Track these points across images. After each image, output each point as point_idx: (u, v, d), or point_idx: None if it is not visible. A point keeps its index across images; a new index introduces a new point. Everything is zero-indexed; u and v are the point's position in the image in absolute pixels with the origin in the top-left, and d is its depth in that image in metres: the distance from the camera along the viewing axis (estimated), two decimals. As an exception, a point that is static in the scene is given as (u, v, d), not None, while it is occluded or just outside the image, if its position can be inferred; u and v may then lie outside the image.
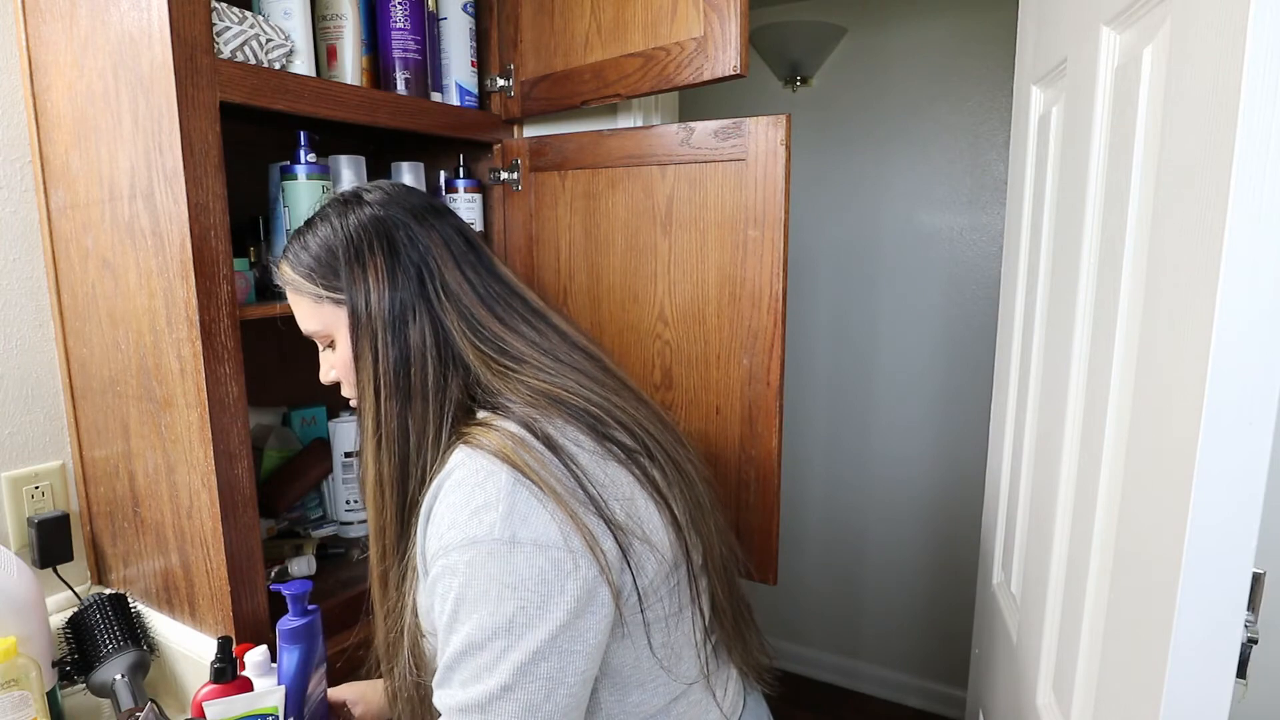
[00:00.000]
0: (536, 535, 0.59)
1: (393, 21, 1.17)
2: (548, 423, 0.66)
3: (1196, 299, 0.55)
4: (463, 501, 0.61)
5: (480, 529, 0.59)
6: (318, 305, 0.73)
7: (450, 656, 0.61)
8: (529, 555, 0.59)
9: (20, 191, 1.04)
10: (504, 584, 0.58)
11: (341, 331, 0.73)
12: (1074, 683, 0.83)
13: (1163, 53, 0.65)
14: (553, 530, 0.60)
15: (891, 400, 2.24)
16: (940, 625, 2.26)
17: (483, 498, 0.60)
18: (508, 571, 0.58)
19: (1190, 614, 0.57)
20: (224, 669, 0.80)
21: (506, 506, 0.59)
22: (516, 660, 0.58)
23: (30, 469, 1.06)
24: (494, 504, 0.60)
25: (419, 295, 0.70)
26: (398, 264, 0.71)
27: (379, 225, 0.72)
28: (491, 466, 0.61)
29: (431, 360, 0.69)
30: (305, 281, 0.74)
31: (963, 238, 2.09)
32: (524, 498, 0.60)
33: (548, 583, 0.59)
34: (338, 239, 0.72)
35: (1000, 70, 1.95)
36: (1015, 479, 1.18)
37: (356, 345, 0.70)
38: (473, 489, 0.61)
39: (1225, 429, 0.53)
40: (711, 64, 1.07)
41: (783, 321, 1.09)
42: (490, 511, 0.59)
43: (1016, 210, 1.23)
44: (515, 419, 0.65)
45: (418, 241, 0.72)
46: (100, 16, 0.89)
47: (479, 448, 0.63)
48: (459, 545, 0.60)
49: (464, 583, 0.59)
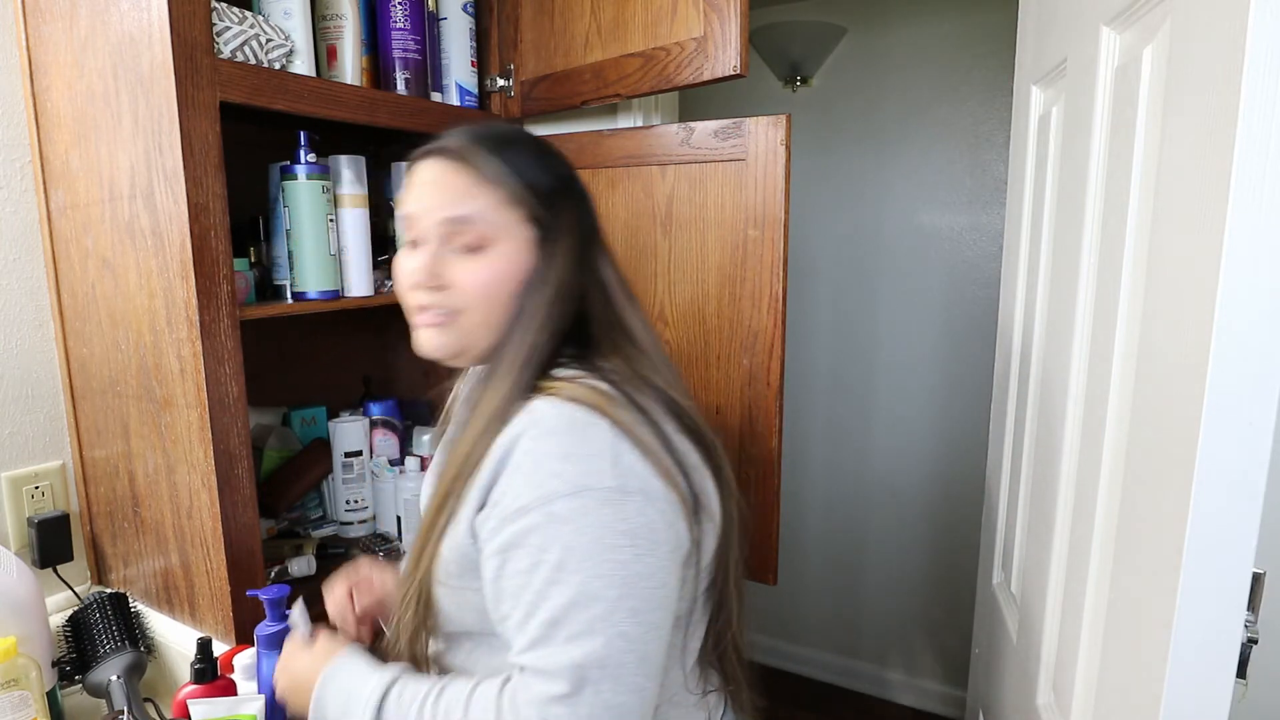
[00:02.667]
0: (644, 486, 0.59)
1: (393, 21, 1.17)
2: (637, 392, 0.66)
3: (1196, 299, 0.55)
4: (562, 450, 0.59)
5: (590, 477, 0.58)
6: (507, 207, 0.68)
7: (556, 609, 0.57)
8: (640, 505, 0.59)
9: (20, 191, 1.04)
10: (619, 531, 0.57)
11: (511, 244, 0.68)
12: (1074, 683, 0.83)
13: (1163, 53, 0.65)
14: (657, 483, 0.60)
15: (891, 400, 2.24)
16: (940, 625, 2.26)
17: (586, 447, 0.59)
18: (621, 519, 0.58)
19: (1190, 614, 0.57)
20: (204, 670, 0.80)
21: (613, 456, 0.59)
22: (631, 608, 0.57)
23: (30, 469, 1.06)
24: (600, 454, 0.59)
25: (587, 250, 0.71)
26: (580, 214, 0.72)
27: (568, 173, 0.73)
28: (589, 418, 0.60)
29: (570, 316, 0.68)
30: (508, 175, 0.68)
31: (963, 238, 2.09)
32: (626, 449, 0.60)
33: (656, 532, 0.59)
34: (548, 165, 0.71)
35: (1000, 70, 1.95)
36: (1015, 479, 1.18)
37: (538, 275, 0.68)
38: (574, 437, 0.60)
39: (1225, 429, 0.53)
40: (711, 64, 1.07)
41: (783, 321, 1.09)
42: (598, 460, 0.59)
43: (1016, 210, 1.23)
44: (606, 380, 0.65)
45: (591, 214, 0.74)
46: (100, 16, 0.89)
47: (570, 399, 0.62)
48: (566, 493, 0.58)
49: (575, 530, 0.57)
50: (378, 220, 1.21)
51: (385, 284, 1.20)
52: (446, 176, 0.68)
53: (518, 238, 0.68)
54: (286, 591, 0.81)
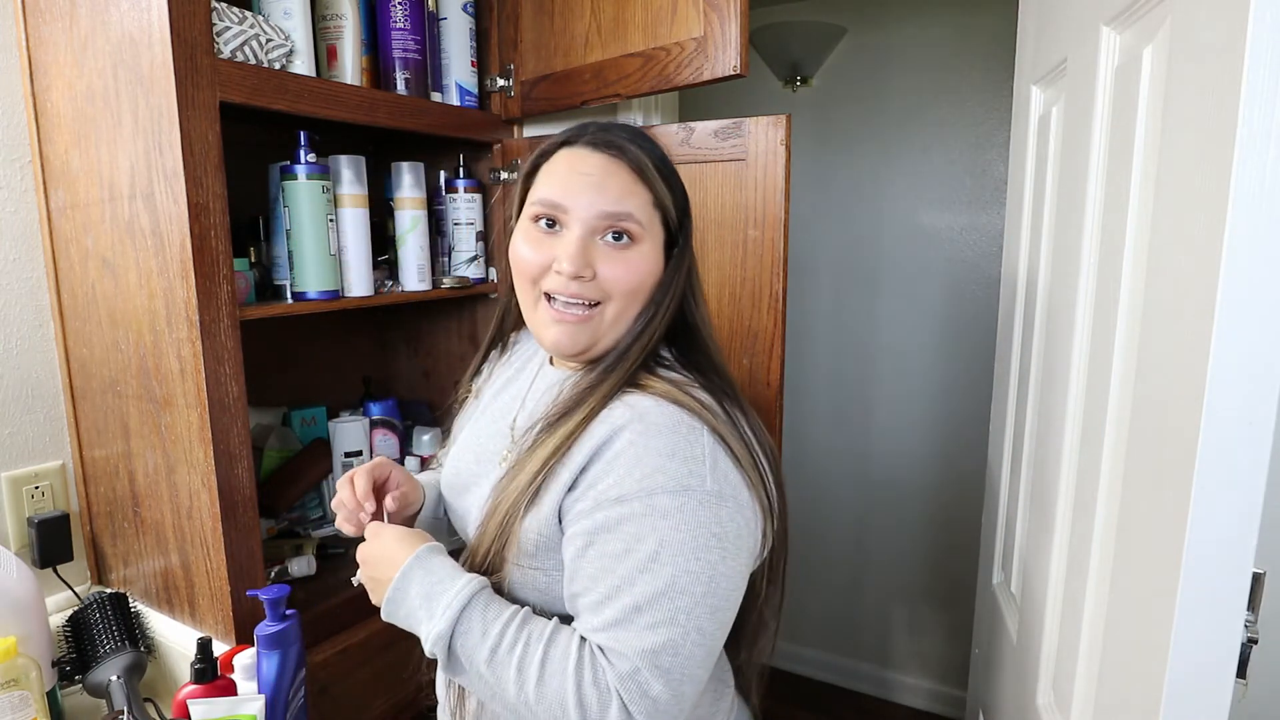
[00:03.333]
0: (736, 494, 0.64)
1: (393, 21, 1.17)
2: (729, 403, 0.70)
3: (1196, 298, 0.55)
4: (670, 449, 0.63)
5: (694, 479, 0.62)
6: (652, 209, 0.72)
7: (642, 597, 0.60)
8: (732, 511, 0.63)
9: (20, 191, 1.04)
10: (712, 533, 0.61)
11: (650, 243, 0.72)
12: (1074, 683, 0.83)
13: (1163, 53, 0.65)
14: (745, 493, 0.65)
15: (891, 400, 2.24)
16: (940, 625, 2.26)
17: (691, 450, 0.63)
18: (716, 522, 0.61)
19: (1190, 614, 0.57)
20: (204, 670, 0.80)
21: (713, 462, 0.63)
22: (712, 606, 0.61)
23: (30, 469, 1.06)
24: (703, 458, 0.63)
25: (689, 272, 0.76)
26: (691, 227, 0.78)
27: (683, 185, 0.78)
28: (694, 422, 0.65)
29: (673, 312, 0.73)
30: (661, 183, 0.73)
31: (963, 238, 2.09)
32: (723, 456, 0.64)
33: (742, 539, 0.63)
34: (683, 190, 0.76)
35: (1000, 70, 1.95)
36: (1015, 479, 1.18)
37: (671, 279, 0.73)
38: (680, 439, 0.63)
39: (1225, 429, 0.53)
40: (711, 64, 1.07)
41: (783, 321, 1.09)
42: (701, 464, 0.62)
43: (1016, 210, 1.23)
44: (705, 388, 0.69)
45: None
46: (100, 16, 0.89)
47: (675, 402, 0.66)
48: (670, 490, 0.61)
49: (673, 526, 0.61)
50: (378, 220, 1.21)
51: (385, 284, 1.20)
52: (610, 171, 0.70)
53: (657, 240, 0.72)
54: (286, 591, 0.81)
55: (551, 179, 0.72)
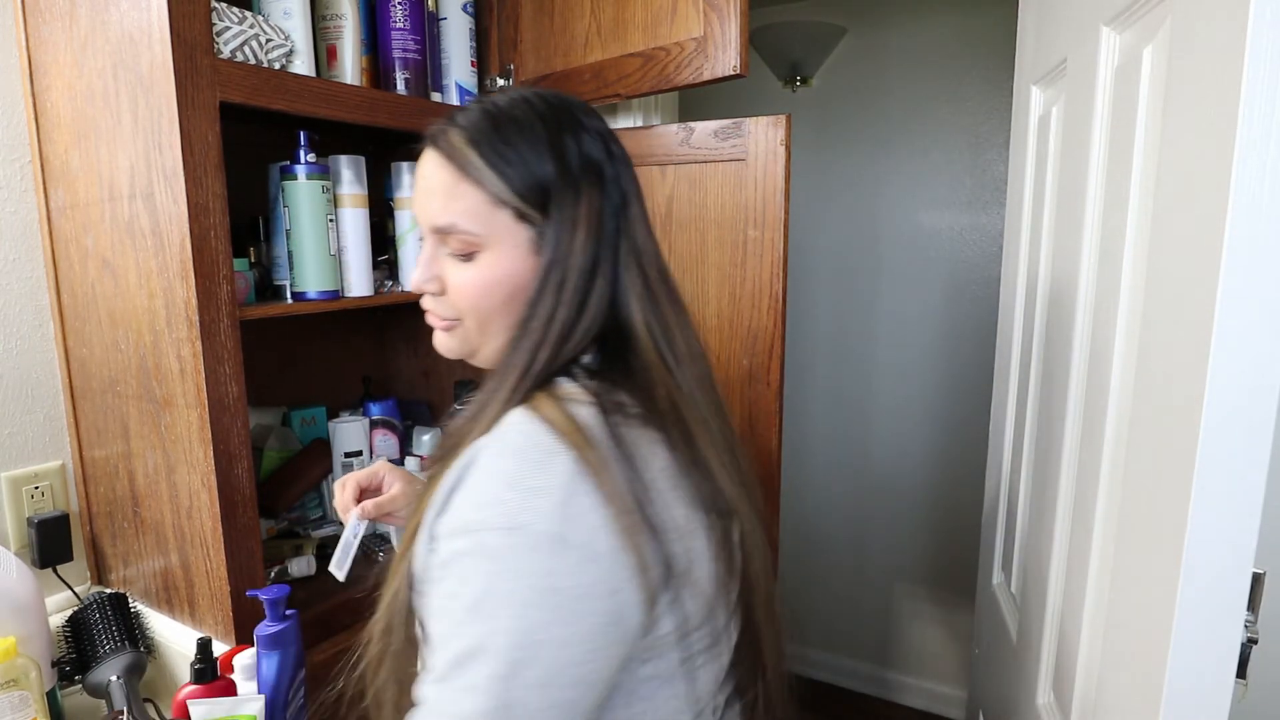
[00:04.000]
0: (589, 541, 0.51)
1: (393, 21, 1.16)
2: (634, 427, 0.57)
3: (1196, 298, 0.55)
4: (513, 476, 0.52)
5: (529, 514, 0.51)
6: (493, 208, 0.60)
7: (461, 652, 0.51)
8: (577, 562, 0.51)
9: (20, 191, 1.04)
10: (541, 588, 0.50)
11: (504, 249, 0.61)
12: (1074, 683, 0.83)
13: (1163, 53, 0.65)
14: (607, 542, 0.51)
15: (891, 400, 2.24)
16: (940, 625, 2.26)
17: (536, 479, 0.52)
18: (549, 573, 0.50)
19: (1190, 614, 0.57)
20: (204, 670, 0.80)
21: (563, 497, 0.51)
22: (538, 680, 0.50)
23: (30, 469, 1.06)
24: (551, 490, 0.51)
25: (612, 245, 0.62)
26: (604, 204, 0.62)
27: (600, 160, 0.63)
28: (555, 445, 0.53)
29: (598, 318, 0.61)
30: (493, 173, 0.60)
31: (963, 238, 2.09)
32: (585, 493, 0.52)
33: (589, 599, 0.51)
34: (552, 150, 0.60)
35: (1000, 70, 1.95)
36: (1015, 479, 1.18)
37: (546, 278, 0.60)
38: (527, 465, 0.52)
39: (1225, 429, 0.53)
40: (711, 64, 1.07)
41: (783, 321, 1.09)
42: (544, 498, 0.51)
43: (1016, 210, 1.23)
44: (600, 405, 0.57)
45: (619, 185, 0.63)
46: (100, 16, 0.89)
47: (544, 419, 0.54)
48: (500, 526, 0.51)
49: (497, 572, 0.51)
50: (378, 220, 1.21)
51: (385, 284, 1.20)
52: (434, 174, 0.62)
53: (511, 240, 0.61)
54: (286, 591, 0.81)
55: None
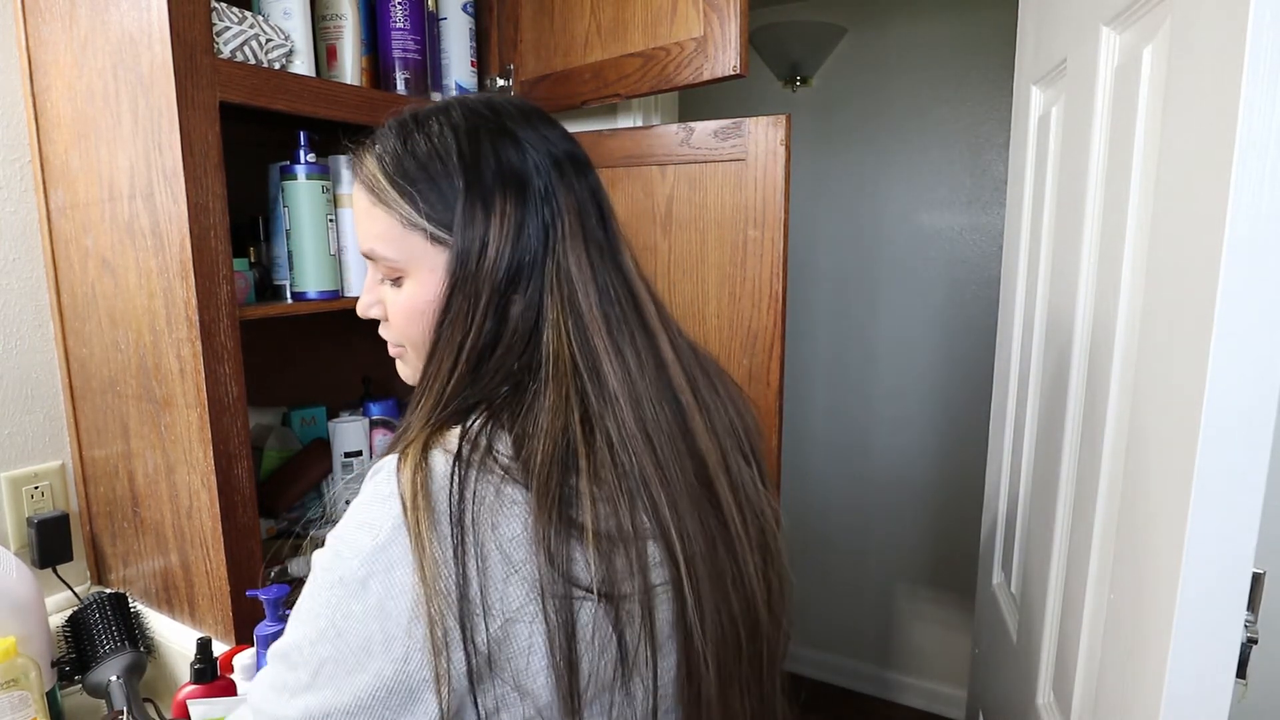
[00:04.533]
0: (386, 600, 0.47)
1: (392, 21, 1.16)
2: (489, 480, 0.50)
3: (1196, 298, 0.55)
4: (359, 506, 0.51)
5: (349, 546, 0.49)
6: (405, 231, 0.57)
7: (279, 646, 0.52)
8: (365, 614, 0.47)
9: (20, 191, 1.04)
10: (330, 623, 0.48)
11: (424, 273, 0.58)
12: (1074, 683, 0.83)
13: (1163, 53, 0.65)
14: (404, 603, 0.47)
15: (891, 400, 2.24)
16: (940, 625, 2.26)
17: (370, 516, 0.49)
18: (340, 614, 0.48)
19: (1190, 614, 0.57)
20: (204, 670, 0.80)
21: (383, 543, 0.48)
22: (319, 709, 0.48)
23: (30, 469, 1.06)
24: (374, 530, 0.49)
25: (535, 265, 0.57)
26: (525, 220, 0.56)
27: (515, 164, 0.57)
28: (392, 491, 0.49)
29: (517, 346, 0.56)
30: (399, 196, 0.57)
31: (963, 238, 2.09)
32: (400, 548, 0.47)
33: (368, 654, 0.47)
34: (463, 162, 0.56)
35: (1000, 70, 1.95)
36: (1015, 479, 1.18)
37: (449, 301, 0.56)
38: (371, 501, 0.50)
39: (1225, 429, 0.53)
40: (711, 64, 1.07)
41: (783, 321, 1.09)
42: (366, 535, 0.49)
43: (1016, 210, 1.23)
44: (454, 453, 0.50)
45: (552, 198, 0.58)
46: (100, 16, 0.89)
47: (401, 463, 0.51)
48: (331, 550, 0.50)
49: (312, 590, 0.51)
50: (378, 220, 1.21)
51: (385, 284, 1.20)
52: (356, 196, 0.60)
53: (428, 264, 0.57)
54: (286, 591, 0.81)
55: None
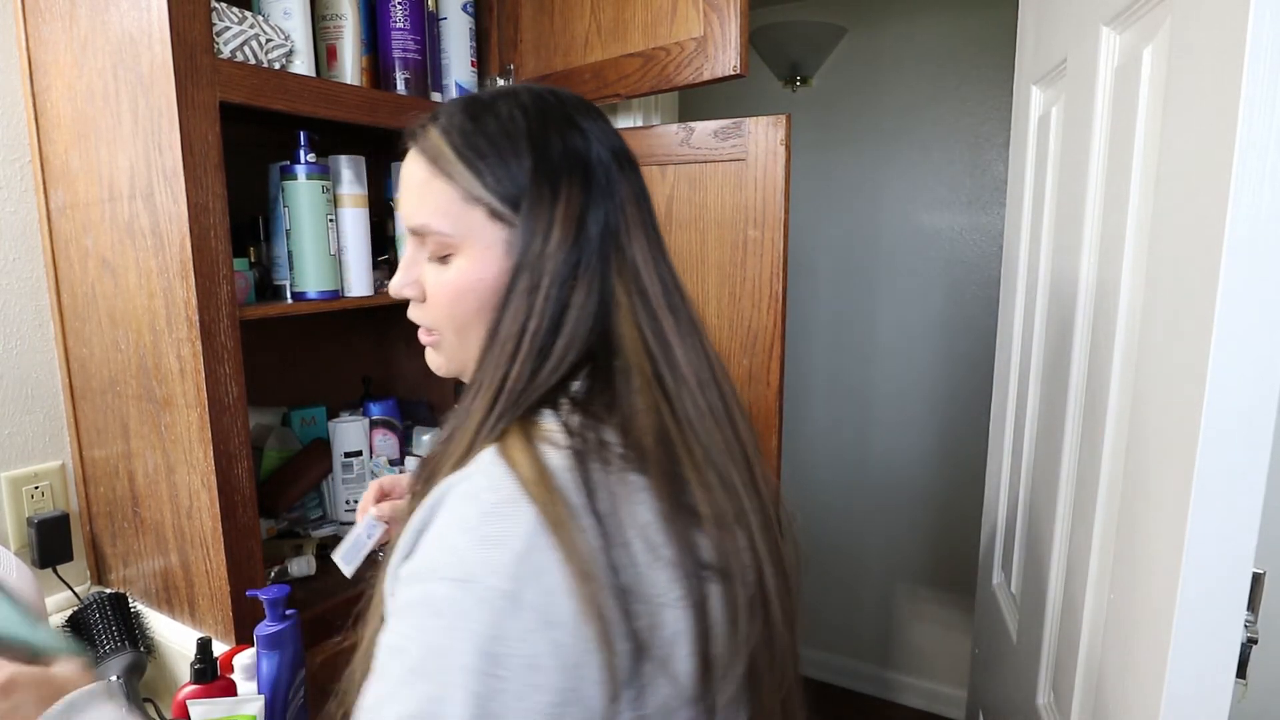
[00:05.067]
0: (548, 606, 0.45)
1: (393, 21, 1.16)
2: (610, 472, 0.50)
3: (1196, 298, 0.55)
4: (470, 521, 0.47)
5: (483, 568, 0.45)
6: (466, 205, 0.56)
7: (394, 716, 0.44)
8: (528, 628, 0.44)
9: (20, 191, 1.04)
10: (486, 651, 0.44)
11: (478, 250, 0.56)
12: (1074, 683, 0.83)
13: (1163, 53, 0.65)
14: (567, 607, 0.45)
15: (892, 400, 2.24)
16: (940, 625, 2.26)
17: (495, 528, 0.46)
18: (497, 638, 0.44)
19: (1190, 614, 0.57)
20: (204, 670, 0.80)
21: (523, 551, 0.45)
22: None
23: (30, 469, 1.06)
24: (508, 541, 0.45)
25: (597, 254, 0.56)
26: (589, 206, 0.56)
27: (585, 156, 0.57)
28: (517, 494, 0.47)
29: (580, 334, 0.55)
30: (465, 169, 0.55)
31: (963, 238, 2.09)
32: (544, 549, 0.45)
33: (538, 671, 0.44)
34: (531, 143, 0.56)
35: (1000, 70, 1.95)
36: (1015, 479, 1.18)
37: (514, 281, 0.55)
38: (488, 511, 0.47)
39: (1225, 429, 0.53)
40: (711, 64, 1.07)
41: (783, 321, 1.09)
42: (501, 550, 0.45)
43: (1016, 210, 1.23)
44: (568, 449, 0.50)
45: (614, 189, 0.58)
46: (100, 16, 0.89)
47: (510, 465, 0.49)
48: (450, 577, 0.45)
49: (442, 628, 0.45)
50: (378, 220, 1.21)
51: (385, 284, 1.20)
52: (411, 170, 0.59)
53: (484, 241, 0.56)
54: (286, 591, 0.81)
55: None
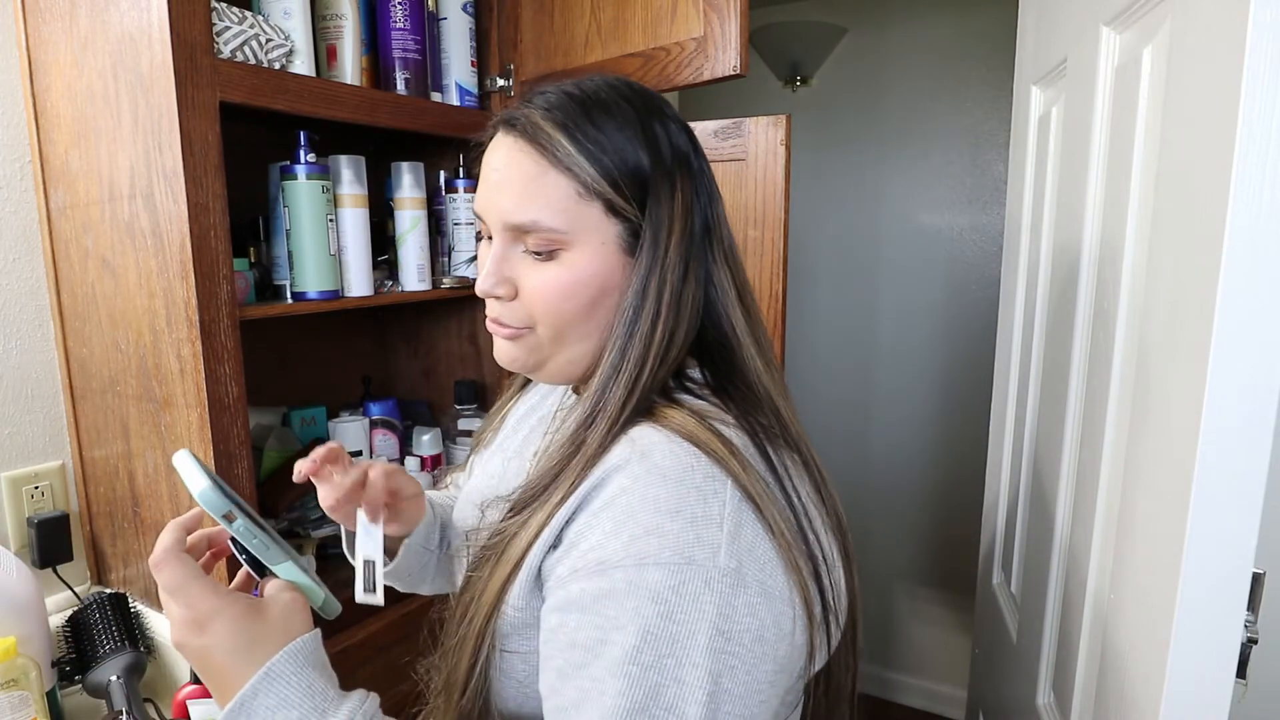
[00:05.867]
0: (765, 578, 0.46)
1: (393, 21, 1.16)
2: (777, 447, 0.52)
3: (1196, 298, 0.55)
4: (673, 504, 0.46)
5: (701, 549, 0.44)
6: (582, 200, 0.54)
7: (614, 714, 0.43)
8: (753, 601, 0.45)
9: (20, 191, 1.04)
10: (718, 630, 0.44)
11: (593, 245, 0.55)
12: (1074, 683, 0.83)
13: (1163, 53, 0.65)
14: (780, 578, 0.46)
15: (891, 399, 2.24)
16: (940, 625, 2.26)
17: (704, 508, 0.46)
18: (726, 615, 0.44)
19: (1190, 614, 0.57)
20: None
21: (733, 528, 0.45)
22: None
23: (30, 469, 1.06)
24: (720, 520, 0.45)
25: (701, 246, 0.56)
26: (695, 198, 0.56)
27: (688, 155, 0.57)
28: (710, 470, 0.47)
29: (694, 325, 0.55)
30: (585, 160, 0.53)
31: (963, 238, 2.09)
32: (752, 525, 0.46)
33: (765, 643, 0.45)
34: (647, 137, 0.55)
35: (1000, 70, 1.95)
36: (1015, 479, 1.18)
37: (643, 288, 0.53)
38: (689, 491, 0.46)
39: (1225, 429, 0.53)
40: (711, 64, 1.07)
41: (783, 321, 1.09)
42: (716, 529, 0.45)
43: (1016, 210, 1.23)
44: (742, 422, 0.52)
45: (709, 190, 0.58)
46: (100, 16, 0.89)
47: (689, 437, 0.48)
48: (667, 561, 0.44)
49: (664, 614, 0.44)
50: (378, 220, 1.21)
51: (385, 284, 1.20)
52: (513, 161, 0.55)
53: (600, 237, 0.55)
54: None
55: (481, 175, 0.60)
